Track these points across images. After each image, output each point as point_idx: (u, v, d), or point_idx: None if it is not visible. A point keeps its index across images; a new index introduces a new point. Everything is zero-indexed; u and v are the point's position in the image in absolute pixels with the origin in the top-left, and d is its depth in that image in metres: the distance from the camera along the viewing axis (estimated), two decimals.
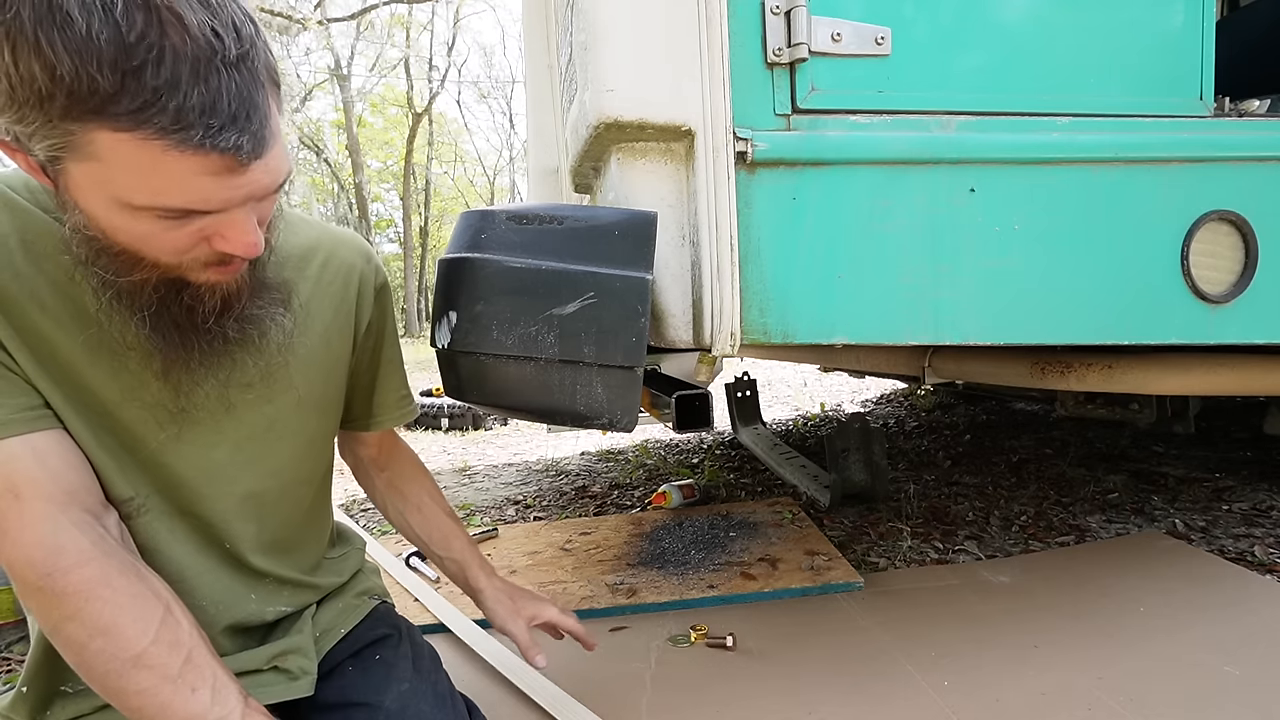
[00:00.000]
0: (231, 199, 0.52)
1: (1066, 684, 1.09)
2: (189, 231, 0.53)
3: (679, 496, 2.13)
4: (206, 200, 0.50)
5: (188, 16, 0.45)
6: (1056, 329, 1.03)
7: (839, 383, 5.33)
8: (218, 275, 0.58)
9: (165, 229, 0.52)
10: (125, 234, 0.52)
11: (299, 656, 0.76)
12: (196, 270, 0.57)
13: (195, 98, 0.45)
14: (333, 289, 0.79)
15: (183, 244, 0.53)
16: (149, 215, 0.50)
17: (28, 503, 0.55)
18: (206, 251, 0.55)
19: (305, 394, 0.77)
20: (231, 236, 0.54)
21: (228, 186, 0.50)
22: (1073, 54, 1.03)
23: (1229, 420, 2.82)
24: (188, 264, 0.56)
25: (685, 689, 1.14)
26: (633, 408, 0.81)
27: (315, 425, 0.80)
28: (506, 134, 22.13)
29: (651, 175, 0.94)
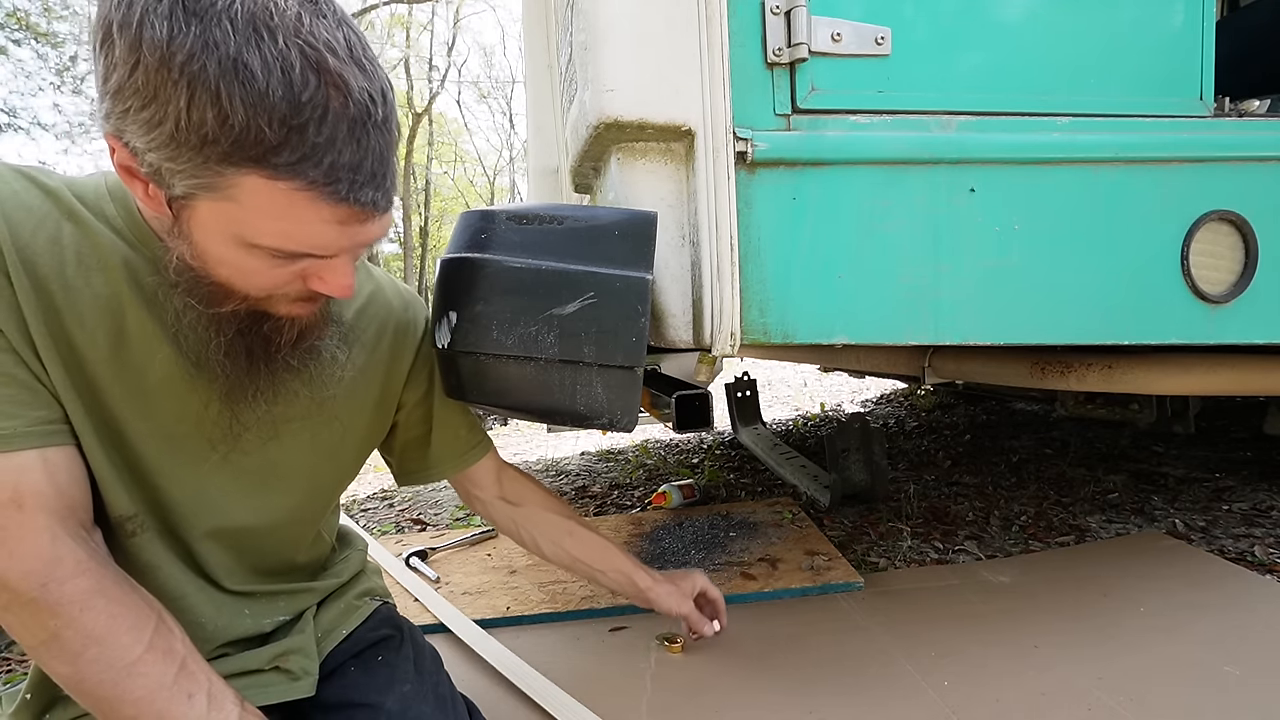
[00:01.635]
0: (346, 247, 0.55)
1: (1066, 684, 1.09)
2: (292, 271, 0.55)
3: (679, 496, 2.13)
4: (327, 247, 0.54)
5: (351, 82, 0.48)
6: (1056, 329, 1.03)
7: (839, 383, 5.33)
8: (301, 310, 0.60)
9: (271, 267, 0.54)
10: (229, 269, 0.54)
11: (300, 657, 0.76)
12: (282, 304, 0.59)
13: (347, 155, 0.49)
14: (365, 337, 0.79)
15: (281, 281, 0.56)
16: (263, 254, 0.53)
17: (30, 514, 0.56)
18: (299, 289, 0.58)
19: (314, 440, 0.76)
20: (330, 279, 0.57)
21: (349, 235, 0.54)
22: (1073, 54, 1.03)
23: (1229, 420, 2.82)
24: (277, 298, 0.58)
25: (685, 689, 1.14)
26: (633, 408, 0.81)
27: (326, 472, 0.80)
28: (506, 134, 22.14)
29: (651, 175, 0.94)
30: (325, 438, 0.77)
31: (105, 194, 0.62)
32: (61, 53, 10.66)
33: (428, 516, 2.37)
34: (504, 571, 1.67)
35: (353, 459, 0.83)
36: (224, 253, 0.53)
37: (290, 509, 0.77)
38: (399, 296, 0.85)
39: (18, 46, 10.27)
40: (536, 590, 1.54)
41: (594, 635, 1.35)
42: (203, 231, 0.53)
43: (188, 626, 0.63)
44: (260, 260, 0.54)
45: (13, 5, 10.00)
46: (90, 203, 0.61)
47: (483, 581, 1.61)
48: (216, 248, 0.53)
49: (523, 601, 1.48)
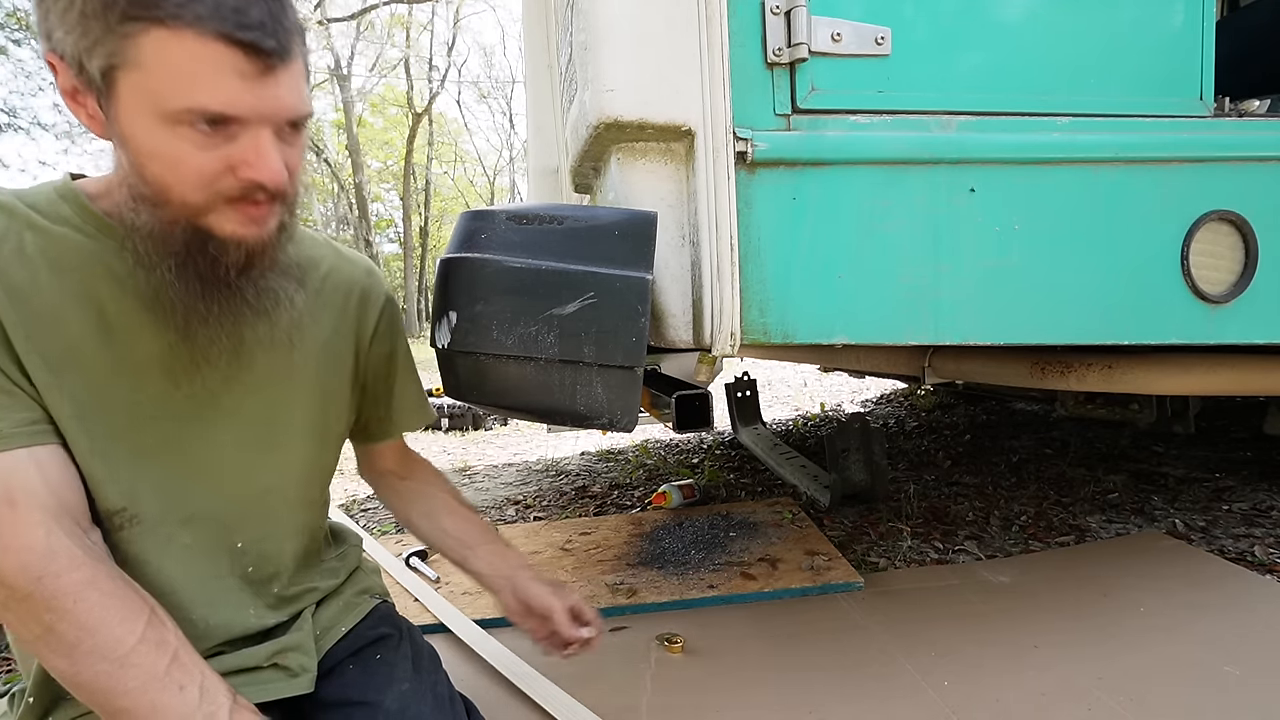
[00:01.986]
0: (256, 106, 0.56)
1: (1066, 684, 1.09)
2: (217, 156, 0.57)
3: (679, 496, 2.13)
4: (233, 103, 0.55)
5: None
6: (1056, 329, 1.03)
7: (839, 383, 5.33)
8: (243, 228, 0.61)
9: (195, 149, 0.56)
10: (161, 162, 0.57)
11: (299, 654, 0.76)
12: (223, 217, 0.60)
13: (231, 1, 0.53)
14: (333, 301, 0.81)
15: (210, 170, 0.57)
16: (183, 130, 0.55)
17: (23, 511, 0.57)
18: (232, 184, 0.58)
19: (304, 417, 0.78)
20: (256, 162, 0.58)
21: (252, 91, 0.56)
22: (1073, 54, 1.03)
23: (1229, 420, 2.82)
24: (214, 204, 0.59)
25: (685, 689, 1.14)
26: (633, 408, 0.81)
27: (315, 450, 0.81)
28: (506, 134, 22.16)
29: (651, 175, 0.94)
30: (307, 401, 0.78)
31: (57, 199, 0.64)
32: None
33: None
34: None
35: (337, 428, 0.84)
36: (151, 140, 0.56)
37: (280, 478, 0.77)
38: (360, 263, 0.87)
39: (18, 46, 10.29)
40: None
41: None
42: (128, 118, 0.56)
43: (181, 623, 0.63)
44: (183, 142, 0.56)
45: (13, 5, 10.01)
46: (45, 209, 0.63)
47: None
48: (143, 135, 0.56)
49: None
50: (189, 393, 0.68)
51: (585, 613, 0.90)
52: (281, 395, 0.75)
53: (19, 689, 0.70)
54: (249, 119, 0.57)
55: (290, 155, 0.62)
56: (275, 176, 0.59)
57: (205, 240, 0.60)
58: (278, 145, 0.59)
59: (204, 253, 0.61)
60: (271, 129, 0.59)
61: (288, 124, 0.61)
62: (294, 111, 0.59)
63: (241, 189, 0.59)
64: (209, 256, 0.61)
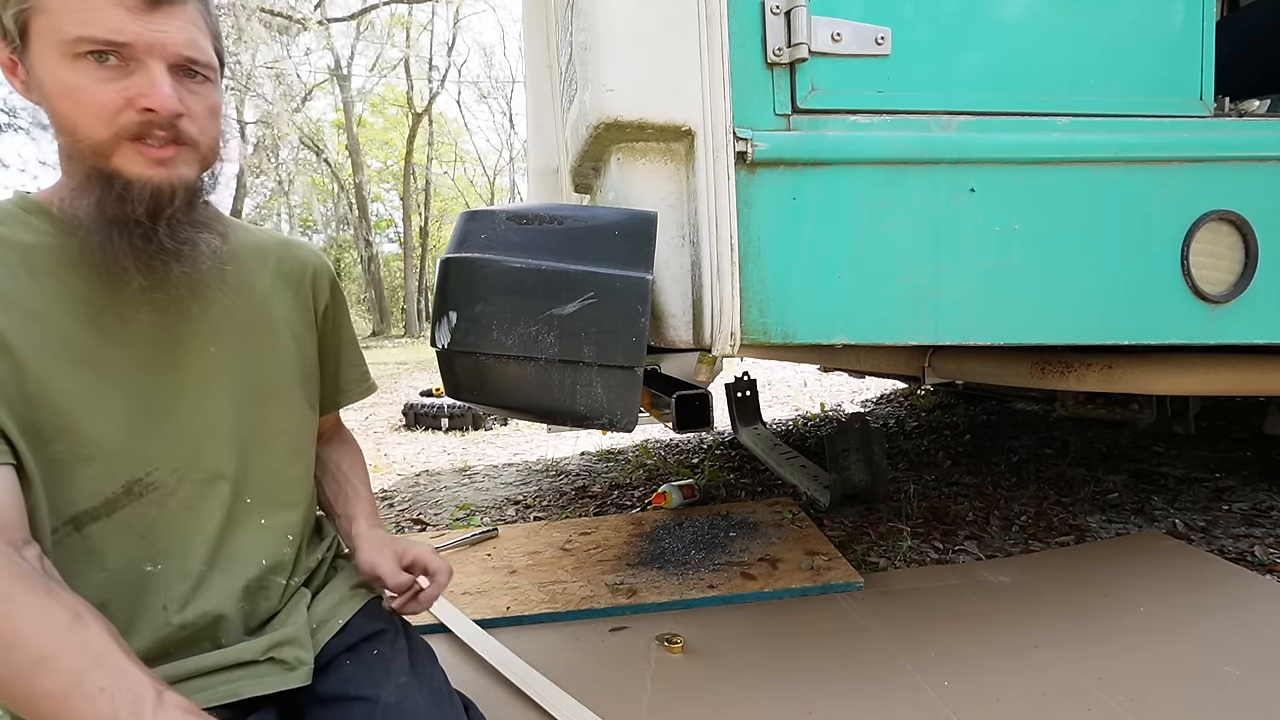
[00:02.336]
0: (140, 34, 0.62)
1: (1066, 684, 1.09)
2: (115, 89, 0.62)
3: (679, 496, 2.13)
4: (119, 30, 0.61)
5: None
6: (1056, 329, 1.03)
7: (839, 383, 5.33)
8: (148, 169, 0.65)
9: (93, 81, 0.62)
10: (66, 99, 0.62)
11: (295, 647, 0.76)
12: (128, 159, 0.64)
13: None
14: (290, 278, 0.86)
15: (109, 102, 0.62)
16: (82, 65, 0.61)
17: None
18: (131, 117, 0.63)
19: (285, 377, 0.83)
20: (149, 91, 0.63)
21: (137, 20, 0.62)
22: (1073, 54, 1.03)
23: (1229, 420, 2.82)
24: (118, 142, 0.64)
25: (685, 689, 1.14)
26: (633, 408, 0.81)
27: (303, 410, 0.86)
28: (506, 134, 22.15)
29: (651, 175, 0.94)
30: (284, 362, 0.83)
31: (18, 211, 0.69)
32: None
33: (428, 516, 2.38)
34: (504, 571, 1.67)
35: (313, 396, 0.89)
36: (55, 77, 0.62)
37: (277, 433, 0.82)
38: (308, 246, 0.94)
39: None
40: (536, 590, 1.54)
41: (594, 635, 1.35)
42: (39, 63, 0.62)
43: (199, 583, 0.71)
44: (83, 76, 0.61)
45: None
46: (9, 223, 0.67)
47: (483, 581, 1.61)
48: (49, 75, 0.62)
49: (523, 601, 1.48)
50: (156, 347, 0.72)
51: (428, 564, 0.90)
52: (259, 351, 0.80)
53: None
54: (137, 47, 0.62)
55: (192, 102, 0.67)
56: (165, 102, 0.63)
57: (112, 181, 0.65)
58: (176, 85, 0.65)
59: (111, 192, 0.65)
60: (164, 64, 0.64)
61: (185, 64, 0.66)
62: (182, 47, 0.65)
63: (140, 124, 0.63)
64: (116, 195, 0.65)
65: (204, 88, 0.69)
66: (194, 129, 0.67)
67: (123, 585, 0.69)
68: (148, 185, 0.66)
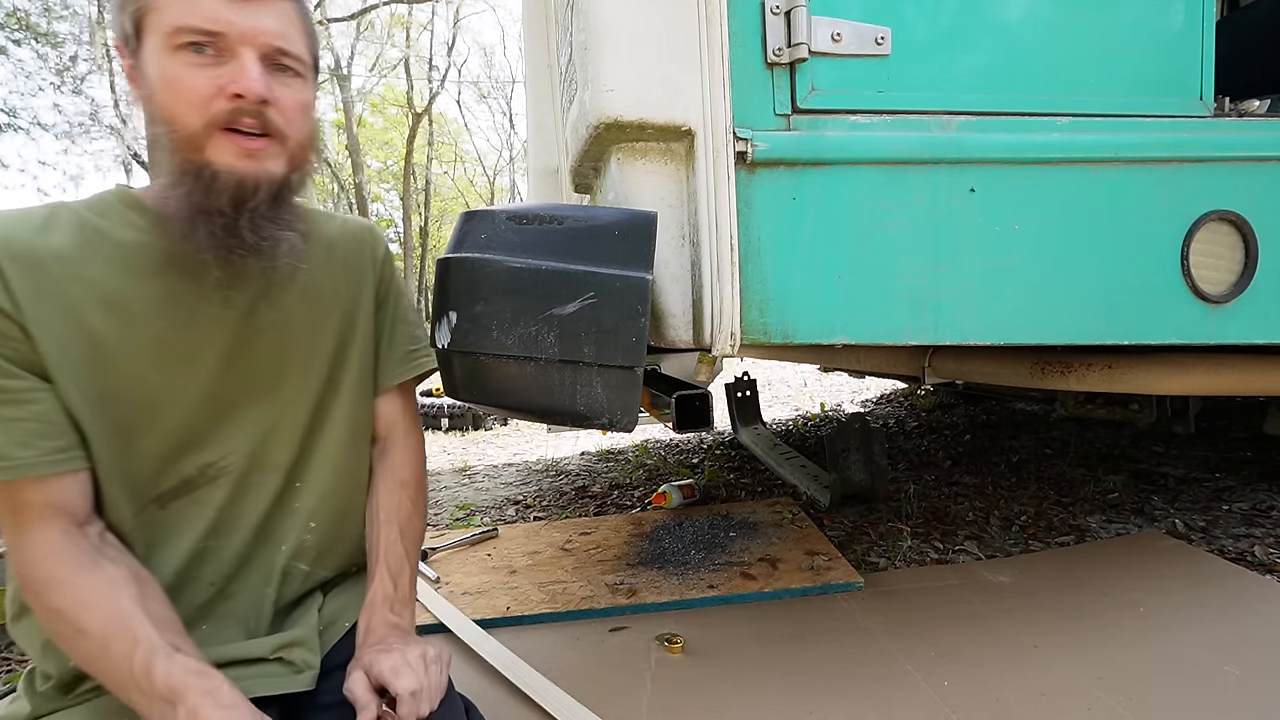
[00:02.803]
0: (234, 22, 0.64)
1: (1066, 684, 1.09)
2: (208, 76, 0.64)
3: (679, 496, 2.13)
4: (214, 18, 0.64)
5: None
6: (1056, 329, 1.03)
7: (839, 383, 5.33)
8: (237, 161, 0.67)
9: (191, 69, 0.64)
10: (166, 89, 0.64)
11: (304, 649, 0.76)
12: (220, 149, 0.66)
13: None
14: (350, 263, 0.85)
15: (202, 89, 0.64)
16: (182, 55, 0.64)
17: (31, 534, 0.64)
18: (223, 105, 0.65)
19: (346, 376, 0.84)
20: (240, 77, 0.65)
21: (231, 8, 0.64)
22: (1073, 54, 1.03)
23: (1229, 420, 2.82)
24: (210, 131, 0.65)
25: (685, 689, 1.14)
26: (633, 408, 0.81)
27: (363, 405, 0.86)
28: (506, 134, 22.12)
29: (651, 175, 0.94)
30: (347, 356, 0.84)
31: (119, 205, 0.71)
32: (61, 53, 10.64)
33: (427, 516, 2.37)
34: (504, 571, 1.67)
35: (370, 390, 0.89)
36: (158, 69, 0.65)
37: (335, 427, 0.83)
38: (364, 226, 0.93)
39: (18, 46, 10.26)
40: (536, 590, 1.54)
41: (594, 635, 1.35)
42: (148, 59, 0.65)
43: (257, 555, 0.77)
44: (181, 65, 0.64)
45: (13, 5, 9.99)
46: (110, 217, 0.70)
47: (483, 581, 1.61)
48: (153, 68, 0.65)
49: (523, 601, 1.48)
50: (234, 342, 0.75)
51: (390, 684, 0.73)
52: (324, 343, 0.81)
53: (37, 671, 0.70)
54: (230, 36, 0.64)
55: (282, 93, 0.68)
56: (252, 85, 0.65)
57: (202, 171, 0.66)
58: (266, 75, 0.66)
59: (200, 182, 0.66)
60: (256, 53, 0.66)
61: (276, 56, 0.67)
62: (273, 37, 0.66)
63: (230, 110, 0.65)
64: (203, 185, 0.66)
65: (295, 82, 0.70)
66: (282, 120, 0.68)
67: (188, 556, 0.74)
68: (233, 175, 0.67)
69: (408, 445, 0.93)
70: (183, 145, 0.66)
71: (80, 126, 11.64)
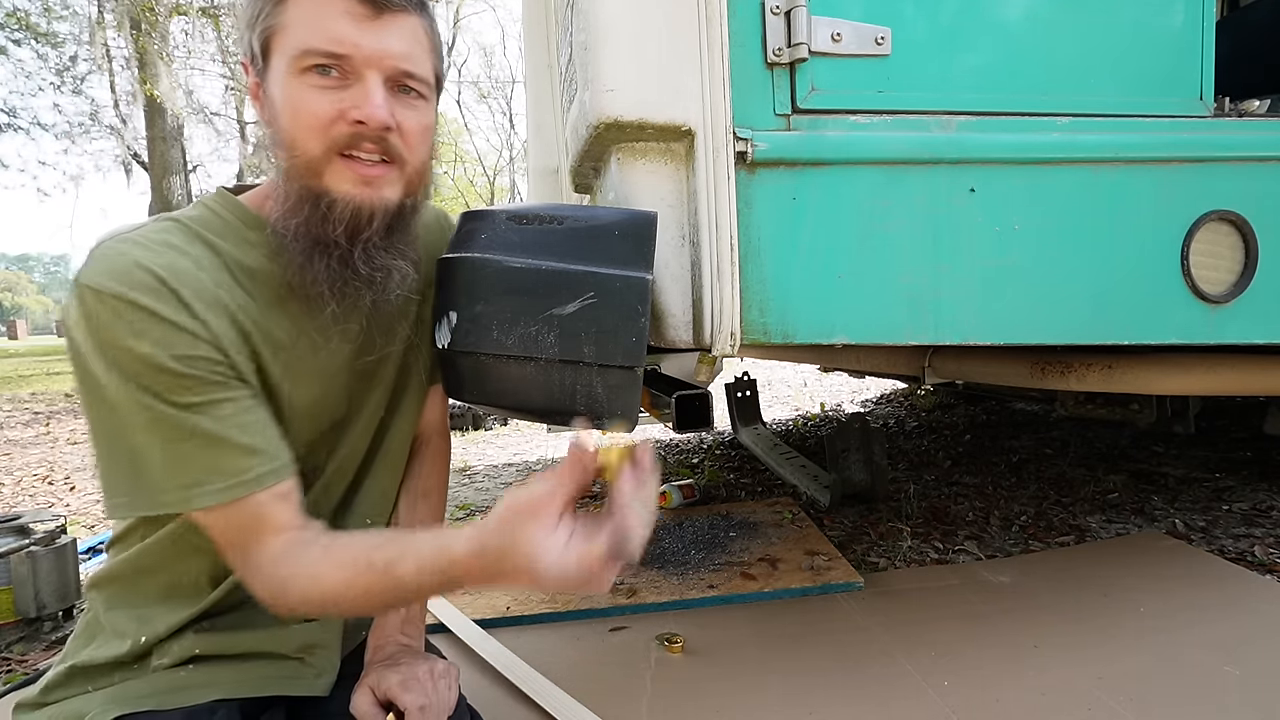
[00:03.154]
0: (360, 45, 0.62)
1: (1066, 684, 1.09)
2: (331, 99, 0.63)
3: (679, 496, 2.13)
4: (340, 40, 0.62)
5: None
6: (1056, 329, 1.03)
7: (839, 383, 5.33)
8: (355, 188, 0.65)
9: (315, 92, 0.63)
10: (289, 111, 0.63)
11: (327, 653, 0.77)
12: (338, 175, 0.65)
13: None
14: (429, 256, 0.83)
15: (325, 113, 0.63)
16: (307, 77, 0.62)
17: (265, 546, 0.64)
18: (343, 130, 0.63)
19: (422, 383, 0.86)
20: (363, 103, 0.63)
21: (358, 30, 0.62)
22: (1073, 54, 1.03)
23: (1229, 420, 2.82)
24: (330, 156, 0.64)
25: (685, 689, 1.14)
26: (633, 408, 0.81)
27: (420, 409, 0.88)
28: (506, 134, 22.11)
29: (651, 175, 0.94)
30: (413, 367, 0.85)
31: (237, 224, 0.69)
32: (61, 53, 10.63)
33: None
34: None
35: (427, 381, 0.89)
36: (283, 92, 0.63)
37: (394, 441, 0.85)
38: (433, 213, 0.90)
39: (18, 46, 10.26)
40: (536, 590, 1.54)
41: (594, 635, 1.35)
42: (274, 80, 0.64)
43: None
44: (306, 88, 0.62)
45: (13, 5, 9.99)
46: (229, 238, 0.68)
47: None
48: (278, 90, 0.64)
49: (523, 601, 1.48)
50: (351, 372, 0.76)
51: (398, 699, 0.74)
52: (413, 358, 0.83)
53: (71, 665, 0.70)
54: (355, 59, 0.62)
55: (405, 117, 0.66)
56: (376, 113, 0.63)
57: (320, 199, 0.65)
58: (389, 99, 0.65)
59: (317, 211, 0.65)
60: (380, 76, 0.64)
61: (401, 79, 0.65)
62: (399, 60, 0.64)
63: (350, 135, 0.63)
64: (320, 214, 0.65)
65: (419, 104, 0.68)
66: (402, 145, 0.67)
67: None
68: (350, 204, 0.65)
69: (438, 450, 0.96)
70: (302, 170, 0.64)
71: (80, 126, 11.64)
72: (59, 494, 3.04)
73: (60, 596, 1.53)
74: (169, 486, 0.61)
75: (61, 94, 10.94)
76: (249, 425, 0.64)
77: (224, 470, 0.61)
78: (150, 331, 0.58)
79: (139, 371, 0.58)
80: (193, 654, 0.70)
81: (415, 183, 0.70)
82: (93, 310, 0.58)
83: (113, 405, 0.59)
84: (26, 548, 1.50)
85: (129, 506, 0.62)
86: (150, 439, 0.60)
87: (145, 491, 0.61)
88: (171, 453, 0.60)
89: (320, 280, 0.66)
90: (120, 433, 0.60)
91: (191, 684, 0.68)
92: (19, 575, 1.48)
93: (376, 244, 0.68)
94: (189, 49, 10.52)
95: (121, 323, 0.58)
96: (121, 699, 0.67)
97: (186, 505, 0.62)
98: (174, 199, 9.09)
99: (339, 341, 0.74)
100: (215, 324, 0.63)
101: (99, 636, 0.71)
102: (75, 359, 0.60)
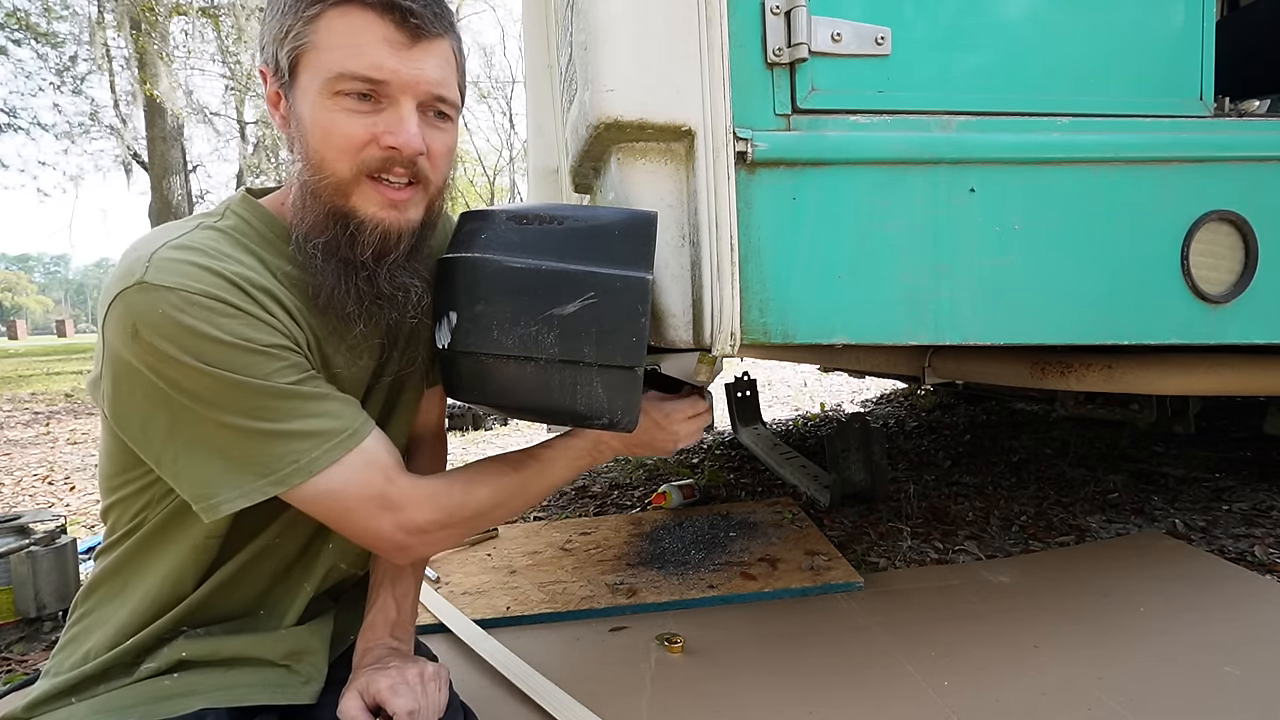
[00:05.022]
0: (398, 71, 0.63)
1: (1066, 684, 1.09)
2: (364, 124, 0.63)
3: (679, 496, 2.13)
4: (378, 66, 0.62)
5: None
6: (1056, 329, 1.03)
7: (839, 383, 5.33)
8: (383, 211, 0.67)
9: (348, 115, 0.63)
10: (318, 132, 0.64)
11: (315, 659, 0.76)
12: (366, 198, 0.66)
13: None
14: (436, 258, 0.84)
15: (357, 137, 0.63)
16: (340, 100, 0.63)
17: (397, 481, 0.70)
18: (375, 154, 0.64)
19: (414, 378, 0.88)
20: (397, 129, 0.64)
21: (396, 56, 0.63)
22: (1073, 54, 1.03)
23: (1229, 420, 2.82)
24: (359, 179, 0.65)
25: (685, 689, 1.14)
26: (633, 408, 0.81)
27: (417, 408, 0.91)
28: (506, 134, 22.10)
29: (651, 175, 0.94)
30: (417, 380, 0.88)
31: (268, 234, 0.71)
32: (61, 53, 10.63)
33: None
34: (504, 571, 1.67)
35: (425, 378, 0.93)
36: (313, 112, 0.64)
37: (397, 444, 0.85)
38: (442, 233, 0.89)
39: (18, 46, 10.25)
40: (536, 590, 1.54)
41: (594, 635, 1.35)
42: (302, 98, 0.64)
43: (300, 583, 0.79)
44: (338, 111, 0.63)
45: (13, 5, 9.99)
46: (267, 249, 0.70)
47: (483, 581, 1.61)
48: (308, 110, 0.64)
49: (523, 601, 1.48)
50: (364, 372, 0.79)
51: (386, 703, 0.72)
52: (420, 369, 0.86)
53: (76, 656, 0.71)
54: (392, 85, 0.63)
55: (434, 139, 0.68)
56: (410, 141, 0.64)
57: (348, 221, 0.66)
58: (421, 123, 0.66)
59: (345, 232, 0.66)
60: (415, 102, 0.65)
61: (433, 104, 0.67)
62: (434, 86, 0.66)
63: (382, 160, 0.65)
64: (348, 235, 0.66)
65: (446, 125, 0.70)
66: (429, 167, 0.69)
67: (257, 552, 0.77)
68: (378, 227, 0.67)
69: (434, 454, 0.97)
70: (330, 190, 0.65)
71: (80, 126, 11.64)
72: (59, 494, 3.04)
73: (60, 596, 1.53)
74: (286, 457, 0.62)
75: (61, 94, 10.94)
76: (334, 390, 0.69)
77: (336, 428, 0.65)
78: (239, 323, 0.61)
79: (232, 359, 0.60)
80: (180, 658, 0.70)
81: (436, 200, 0.72)
82: (173, 310, 0.58)
83: (204, 400, 0.60)
84: (26, 548, 1.50)
85: (241, 498, 0.63)
86: (252, 422, 0.62)
87: (256, 474, 0.62)
88: (282, 426, 0.63)
89: (349, 300, 0.68)
90: (211, 429, 0.61)
91: (176, 693, 0.68)
92: (19, 575, 1.48)
93: (399, 264, 0.70)
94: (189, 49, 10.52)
95: (213, 316, 0.59)
96: (106, 709, 0.66)
97: (312, 469, 0.64)
98: (174, 199, 9.09)
99: (367, 359, 0.77)
100: (286, 322, 0.66)
101: (84, 648, 0.71)
102: (139, 364, 0.59)
